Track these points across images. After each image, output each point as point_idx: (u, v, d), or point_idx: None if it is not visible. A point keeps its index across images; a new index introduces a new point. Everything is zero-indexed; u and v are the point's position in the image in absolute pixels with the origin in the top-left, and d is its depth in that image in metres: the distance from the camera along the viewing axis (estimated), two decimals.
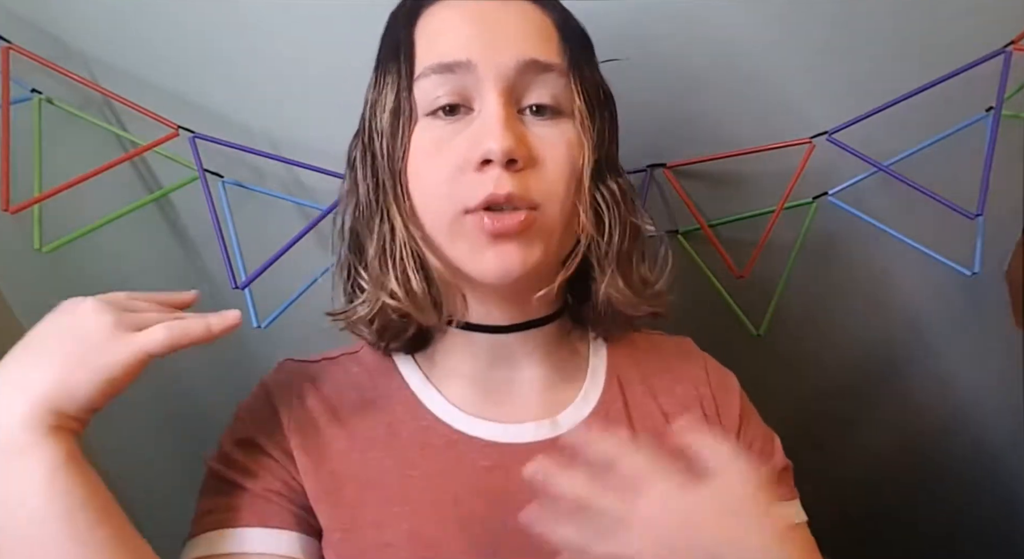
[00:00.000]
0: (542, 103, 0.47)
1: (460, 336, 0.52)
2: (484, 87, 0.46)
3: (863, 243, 0.79)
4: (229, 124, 0.70)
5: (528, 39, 0.47)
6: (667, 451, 0.48)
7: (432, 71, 0.46)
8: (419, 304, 0.48)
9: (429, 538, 0.47)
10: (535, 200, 0.46)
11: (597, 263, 0.50)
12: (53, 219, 0.69)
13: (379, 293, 0.48)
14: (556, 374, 0.54)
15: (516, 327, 0.51)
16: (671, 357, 0.58)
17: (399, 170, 0.47)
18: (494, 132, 0.44)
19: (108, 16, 0.67)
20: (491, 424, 0.51)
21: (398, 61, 0.48)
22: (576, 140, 0.48)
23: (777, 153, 0.71)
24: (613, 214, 0.49)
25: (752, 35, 0.69)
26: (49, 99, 0.68)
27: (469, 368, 0.53)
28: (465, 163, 0.45)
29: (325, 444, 0.50)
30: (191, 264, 0.79)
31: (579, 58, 0.49)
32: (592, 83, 0.50)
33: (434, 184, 0.46)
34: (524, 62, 0.46)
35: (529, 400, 0.53)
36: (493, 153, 0.44)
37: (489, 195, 0.44)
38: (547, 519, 0.40)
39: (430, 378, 0.53)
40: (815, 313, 0.85)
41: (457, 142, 0.46)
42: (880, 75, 0.70)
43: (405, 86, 0.47)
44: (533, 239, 0.46)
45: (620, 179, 0.51)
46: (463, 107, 0.47)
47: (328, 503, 0.48)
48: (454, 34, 0.47)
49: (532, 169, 0.46)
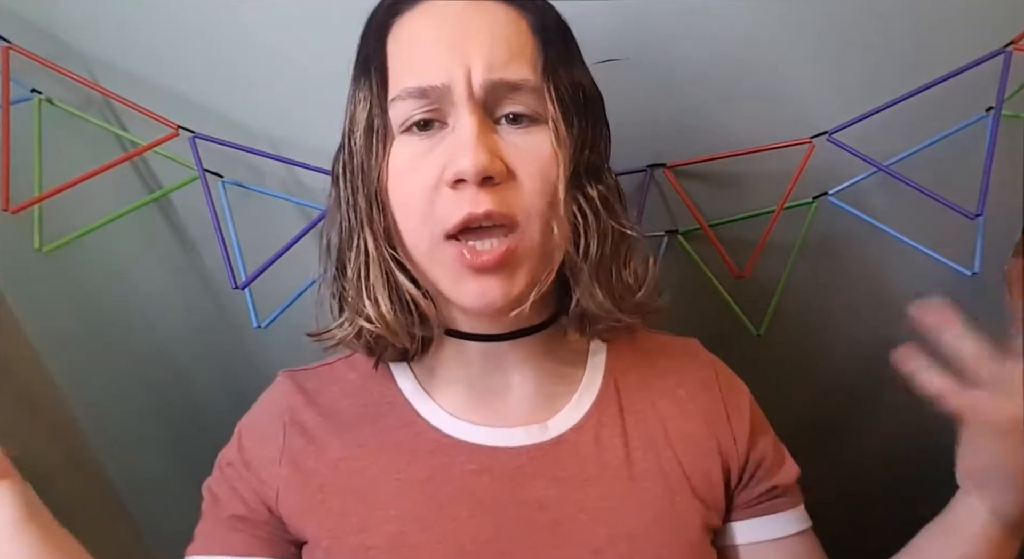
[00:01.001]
0: (517, 112, 0.46)
1: (452, 344, 0.52)
2: (458, 105, 0.45)
3: (863, 243, 0.79)
4: (229, 124, 0.70)
5: (501, 54, 0.45)
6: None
7: (408, 95, 0.46)
8: (392, 329, 0.48)
9: (412, 543, 0.47)
10: (515, 217, 0.45)
11: (571, 273, 0.49)
12: (53, 219, 0.69)
13: (355, 317, 0.48)
14: (550, 378, 0.53)
15: (508, 335, 0.50)
16: (676, 359, 0.57)
17: (375, 190, 0.47)
18: (466, 149, 0.43)
19: (108, 16, 0.67)
20: (480, 428, 0.51)
21: (371, 79, 0.47)
22: (552, 149, 0.46)
23: (777, 153, 0.71)
24: (589, 223, 0.47)
25: (752, 35, 0.69)
26: (49, 99, 0.68)
27: (462, 374, 0.52)
28: (440, 181, 0.45)
29: (317, 457, 0.51)
30: (191, 264, 0.79)
31: (555, 63, 0.47)
32: (570, 86, 0.47)
33: (412, 204, 0.46)
34: (494, 82, 0.45)
35: (522, 405, 0.52)
36: (466, 172, 0.43)
37: (467, 215, 0.44)
38: (922, 365, 0.45)
39: (424, 384, 0.53)
40: (815, 313, 0.84)
41: (432, 158, 0.45)
42: (880, 75, 0.70)
43: (378, 105, 0.47)
44: (515, 269, 0.45)
45: (602, 184, 0.49)
46: (437, 122, 0.46)
47: (318, 515, 0.49)
48: (427, 55, 0.46)
49: (509, 183, 0.45)
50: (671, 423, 0.53)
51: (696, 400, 0.55)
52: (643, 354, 0.56)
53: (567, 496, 0.49)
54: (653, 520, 0.50)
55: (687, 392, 0.55)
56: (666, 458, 0.52)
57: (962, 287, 0.78)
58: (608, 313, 0.49)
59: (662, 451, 0.52)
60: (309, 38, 0.68)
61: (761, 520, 0.54)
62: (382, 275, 0.47)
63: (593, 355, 0.56)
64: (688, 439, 0.53)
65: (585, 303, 0.49)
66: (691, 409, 0.54)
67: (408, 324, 0.48)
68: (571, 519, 0.49)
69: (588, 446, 0.51)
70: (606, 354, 0.56)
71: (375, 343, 0.50)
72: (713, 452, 0.53)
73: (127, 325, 0.81)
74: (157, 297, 0.81)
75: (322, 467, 0.50)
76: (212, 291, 0.80)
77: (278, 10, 0.66)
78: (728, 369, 0.59)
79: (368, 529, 0.48)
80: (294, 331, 0.69)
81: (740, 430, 0.54)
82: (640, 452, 0.51)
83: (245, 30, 0.67)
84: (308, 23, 0.67)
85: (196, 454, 0.55)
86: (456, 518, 0.48)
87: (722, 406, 0.55)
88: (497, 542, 0.47)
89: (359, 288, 0.48)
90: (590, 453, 0.51)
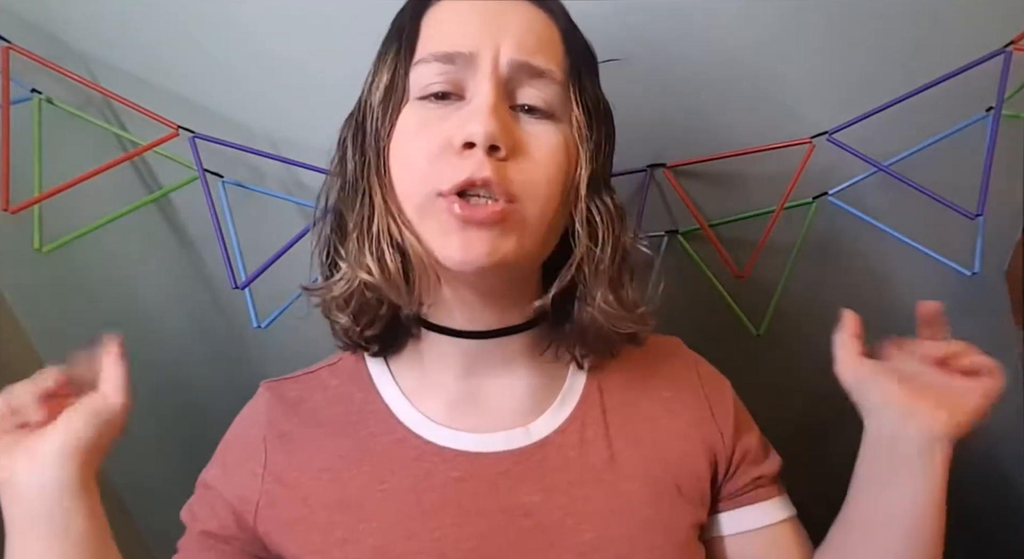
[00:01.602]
0: (534, 105, 0.47)
1: (436, 342, 0.51)
2: (479, 77, 0.45)
3: (863, 243, 0.79)
4: (229, 124, 0.70)
5: (531, 41, 0.47)
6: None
7: (433, 58, 0.46)
8: (392, 281, 0.46)
9: (397, 553, 0.47)
10: (514, 192, 0.44)
11: (588, 278, 0.49)
12: (53, 219, 0.69)
13: (356, 270, 0.47)
14: (534, 381, 0.52)
15: (492, 333, 0.50)
16: (659, 359, 0.57)
17: (383, 147, 0.47)
18: (480, 116, 0.44)
19: (108, 16, 0.67)
20: (463, 434, 0.50)
21: (399, 43, 0.48)
22: (570, 144, 0.47)
23: (777, 153, 0.71)
24: (607, 228, 0.49)
25: (753, 35, 0.69)
26: (49, 99, 0.68)
27: (445, 377, 0.51)
28: (447, 145, 0.44)
29: (301, 469, 0.50)
30: (191, 264, 0.79)
31: (580, 70, 0.49)
32: (593, 96, 0.49)
33: (413, 162, 0.46)
34: (522, 62, 0.46)
35: (504, 409, 0.51)
36: (476, 135, 0.43)
37: (467, 178, 0.43)
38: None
39: (405, 391, 0.52)
40: (815, 313, 0.84)
41: (442, 126, 0.45)
42: (880, 75, 0.70)
43: (403, 67, 0.47)
44: (505, 231, 0.44)
45: (614, 196, 0.51)
46: (454, 95, 0.46)
47: (301, 529, 0.49)
48: (460, 25, 0.47)
49: (515, 161, 0.45)
50: (656, 423, 0.53)
51: (680, 399, 0.55)
52: (625, 355, 0.55)
53: (552, 500, 0.49)
54: (640, 522, 0.49)
55: (671, 391, 0.55)
56: (652, 459, 0.51)
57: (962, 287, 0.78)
58: (618, 319, 0.49)
59: (648, 452, 0.52)
60: (309, 38, 0.68)
61: (746, 509, 0.54)
62: (385, 227, 0.47)
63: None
64: (673, 439, 0.53)
65: (597, 308, 0.49)
66: (676, 408, 0.54)
67: (411, 276, 0.47)
68: (556, 524, 0.48)
69: (572, 449, 0.51)
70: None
71: (366, 307, 0.49)
72: (699, 450, 0.53)
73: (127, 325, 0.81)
74: (157, 297, 0.81)
75: (305, 479, 0.50)
76: (212, 291, 0.80)
77: (278, 10, 0.66)
78: (710, 366, 0.59)
79: (352, 541, 0.47)
80: (294, 331, 0.69)
81: (725, 425, 0.55)
82: (625, 454, 0.51)
83: (245, 30, 0.68)
84: (308, 23, 0.67)
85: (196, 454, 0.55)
86: (440, 526, 0.48)
87: (706, 403, 0.55)
88: (482, 550, 0.47)
89: (361, 242, 0.47)
90: (574, 456, 0.50)
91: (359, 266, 0.47)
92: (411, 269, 0.47)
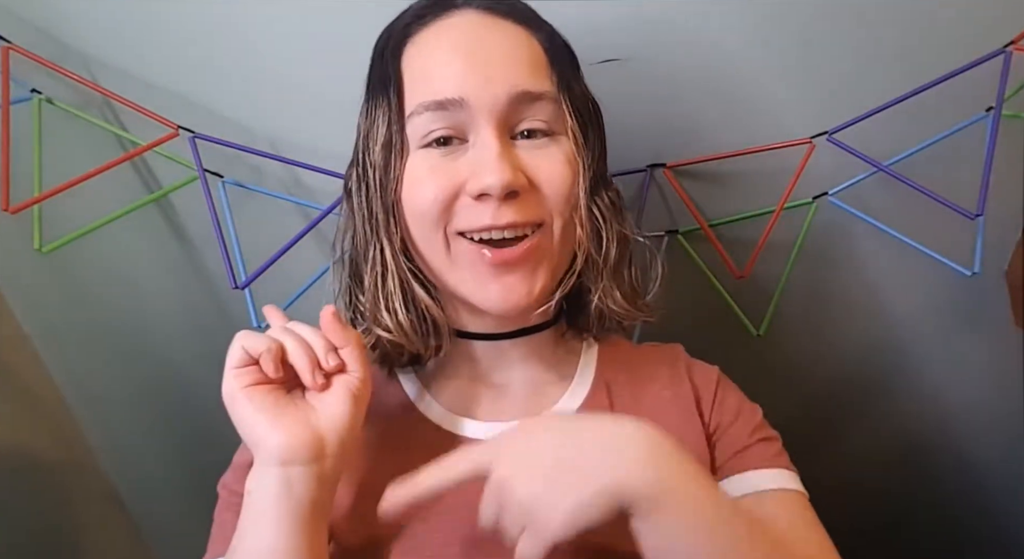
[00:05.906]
0: (534, 128, 0.48)
1: (457, 343, 0.53)
2: (478, 121, 0.46)
3: (863, 243, 0.79)
4: (229, 124, 0.70)
5: (518, 68, 0.47)
6: None
7: (425, 109, 0.47)
8: (410, 338, 0.50)
9: (416, 533, 0.48)
10: (540, 220, 0.47)
11: (593, 277, 0.51)
12: (53, 219, 0.69)
13: (373, 327, 0.50)
14: (547, 375, 0.55)
15: (513, 334, 0.53)
16: (660, 365, 0.58)
17: (391, 202, 0.48)
18: (492, 166, 0.45)
19: (108, 16, 0.67)
20: (477, 423, 0.52)
21: (388, 95, 0.48)
22: (571, 157, 0.49)
23: (777, 153, 0.71)
24: (610, 226, 0.51)
25: (753, 35, 0.69)
26: (49, 99, 0.68)
27: (464, 371, 0.54)
28: (460, 191, 0.46)
29: None
30: (191, 264, 0.79)
31: (568, 77, 0.49)
32: (582, 100, 0.50)
33: (428, 209, 0.47)
34: (516, 94, 0.46)
35: (518, 400, 0.54)
36: (492, 188, 0.45)
37: (487, 225, 0.46)
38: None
39: (424, 382, 0.55)
40: (815, 313, 0.84)
41: (452, 169, 0.46)
42: (880, 75, 0.70)
43: (396, 121, 0.48)
44: (537, 266, 0.48)
45: (611, 189, 0.52)
46: (456, 139, 0.47)
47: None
48: (444, 70, 0.47)
49: (530, 194, 0.47)
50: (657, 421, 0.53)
51: (677, 397, 0.56)
52: (629, 360, 0.58)
53: None
54: None
55: (671, 392, 0.56)
56: None
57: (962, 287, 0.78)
58: (627, 312, 0.52)
59: None
60: (309, 39, 0.68)
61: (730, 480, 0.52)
62: (399, 285, 0.49)
63: (586, 355, 0.57)
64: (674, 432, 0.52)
65: (604, 304, 0.52)
66: (675, 406, 0.55)
67: (424, 332, 0.50)
68: None
69: None
70: (596, 355, 0.57)
71: (392, 350, 0.52)
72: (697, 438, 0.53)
73: (127, 325, 0.81)
74: (157, 297, 0.81)
75: None
76: (212, 291, 0.80)
77: (278, 11, 0.66)
78: (701, 364, 0.59)
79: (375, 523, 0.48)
80: None
81: (706, 400, 0.55)
82: None
83: (245, 30, 0.67)
84: (308, 24, 0.67)
85: (195, 454, 0.55)
86: (453, 510, 0.48)
87: (692, 390, 0.55)
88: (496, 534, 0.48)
89: (376, 298, 0.49)
90: None
91: (376, 323, 0.50)
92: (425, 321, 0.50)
